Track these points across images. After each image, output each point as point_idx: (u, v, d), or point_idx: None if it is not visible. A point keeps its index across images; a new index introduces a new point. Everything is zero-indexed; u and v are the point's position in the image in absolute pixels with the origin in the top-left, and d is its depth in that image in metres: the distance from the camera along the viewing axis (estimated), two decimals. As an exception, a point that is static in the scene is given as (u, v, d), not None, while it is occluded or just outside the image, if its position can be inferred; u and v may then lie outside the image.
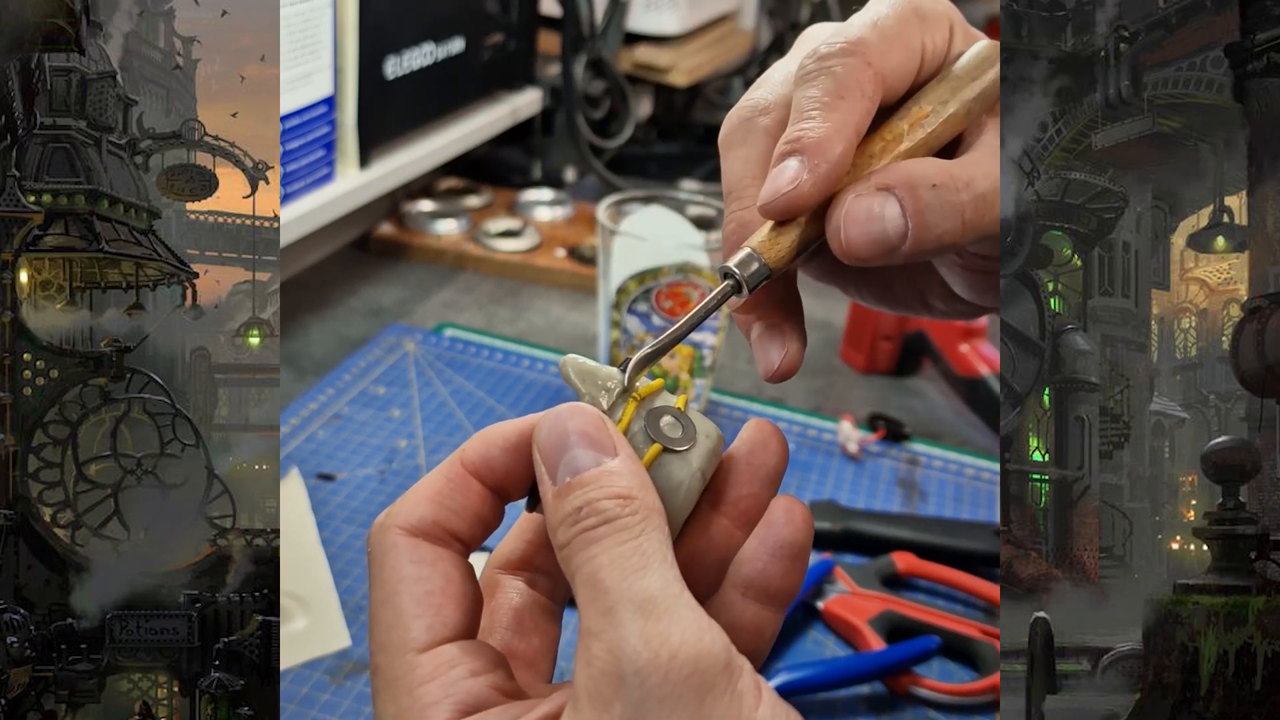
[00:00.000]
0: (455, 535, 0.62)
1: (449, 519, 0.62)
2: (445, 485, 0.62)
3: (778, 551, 0.63)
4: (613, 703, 0.52)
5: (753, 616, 0.62)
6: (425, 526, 0.61)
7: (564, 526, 0.57)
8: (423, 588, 0.59)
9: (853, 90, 0.64)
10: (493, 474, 0.63)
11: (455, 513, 0.62)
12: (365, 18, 1.83)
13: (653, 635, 0.53)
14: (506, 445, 0.63)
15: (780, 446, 0.65)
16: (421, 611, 0.59)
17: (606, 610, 0.54)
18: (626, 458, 0.59)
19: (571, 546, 0.56)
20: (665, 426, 0.62)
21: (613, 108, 2.33)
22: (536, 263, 2.05)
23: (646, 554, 0.55)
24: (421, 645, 0.58)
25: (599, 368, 0.63)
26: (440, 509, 0.62)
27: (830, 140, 0.63)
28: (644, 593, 0.54)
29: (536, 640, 0.65)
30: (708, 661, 0.53)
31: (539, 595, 0.66)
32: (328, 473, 1.49)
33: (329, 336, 1.82)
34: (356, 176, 1.90)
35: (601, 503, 0.56)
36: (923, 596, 1.40)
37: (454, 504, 0.62)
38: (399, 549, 0.60)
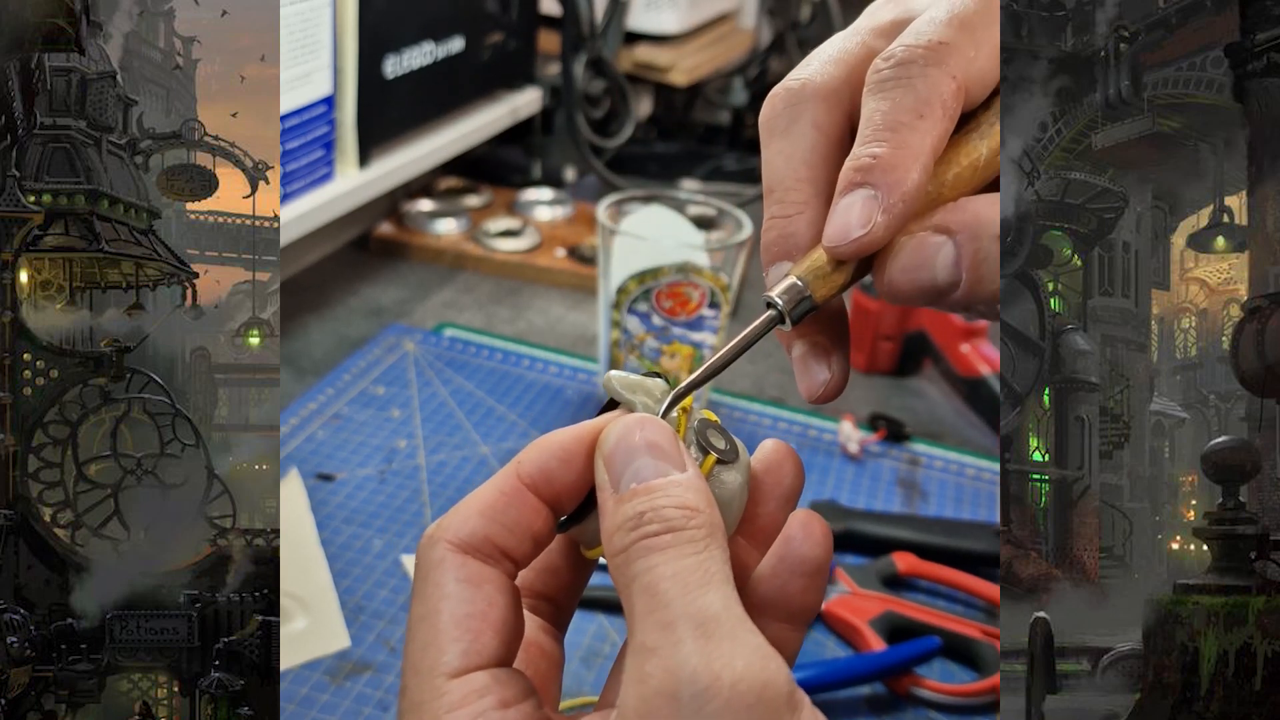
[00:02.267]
0: (506, 553, 0.58)
1: (501, 535, 0.58)
2: (500, 499, 0.59)
3: (797, 568, 0.61)
4: None
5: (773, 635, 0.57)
6: (476, 542, 0.58)
7: (622, 531, 0.54)
8: (464, 609, 0.57)
9: (934, 108, 0.57)
10: (550, 487, 0.59)
11: (508, 529, 0.58)
12: (365, 17, 1.83)
13: (715, 657, 0.50)
14: (565, 455, 0.59)
15: (796, 468, 0.63)
16: (459, 635, 0.56)
17: (666, 625, 0.51)
18: (696, 474, 0.56)
19: (630, 553, 0.53)
20: (713, 438, 0.61)
21: (613, 107, 2.33)
22: (536, 262, 2.05)
23: (710, 571, 0.52)
24: (454, 670, 0.56)
25: (643, 380, 0.61)
26: (492, 524, 0.58)
27: (907, 170, 0.56)
28: (707, 610, 0.51)
29: (543, 666, 0.63)
30: (771, 691, 0.50)
31: (542, 621, 0.63)
32: (327, 473, 1.49)
33: (329, 336, 1.82)
34: (356, 176, 1.90)
35: (667, 510, 0.54)
36: (923, 597, 1.40)
37: (507, 519, 0.58)
38: (446, 565, 0.57)
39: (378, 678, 1.22)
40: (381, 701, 1.20)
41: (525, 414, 1.64)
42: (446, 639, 0.56)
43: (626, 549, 0.54)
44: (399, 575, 1.35)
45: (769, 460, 0.63)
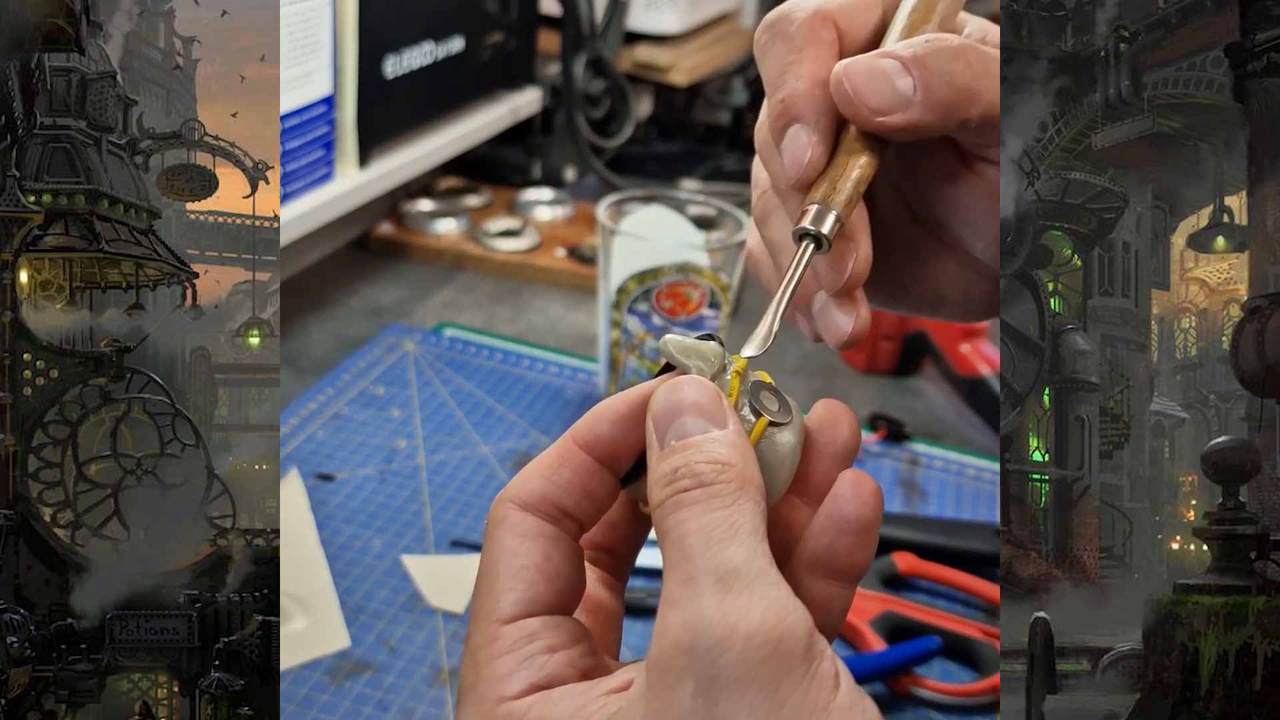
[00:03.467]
0: (565, 511, 0.61)
1: (558, 494, 0.61)
2: (556, 459, 0.62)
3: (846, 527, 0.62)
4: (684, 678, 0.51)
5: (821, 592, 0.61)
6: (534, 500, 0.61)
7: (659, 486, 0.57)
8: (519, 561, 0.60)
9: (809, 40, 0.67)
10: (602, 446, 0.62)
11: (563, 488, 0.61)
12: (365, 17, 1.83)
13: (731, 609, 0.51)
14: (616, 417, 0.62)
15: (852, 425, 0.65)
16: (514, 584, 0.59)
17: (687, 579, 0.52)
18: (735, 430, 0.58)
19: (664, 508, 0.56)
20: (765, 400, 0.62)
21: (613, 107, 2.33)
22: (536, 262, 2.05)
23: (736, 525, 0.54)
24: (507, 617, 0.59)
25: (699, 344, 0.63)
26: (549, 484, 0.61)
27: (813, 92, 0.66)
28: (727, 564, 0.52)
29: (601, 617, 0.65)
30: (788, 644, 0.51)
31: (603, 573, 0.66)
32: (327, 473, 1.49)
33: (329, 336, 1.82)
34: (356, 176, 1.90)
35: (698, 465, 0.56)
36: (923, 597, 1.40)
37: (562, 478, 0.61)
38: (508, 522, 0.61)
39: (378, 678, 1.22)
40: (381, 701, 1.20)
41: (525, 414, 1.64)
42: (503, 588, 0.59)
43: (662, 503, 0.56)
44: (399, 575, 1.35)
45: (822, 420, 0.65)
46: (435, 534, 1.42)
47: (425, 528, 1.42)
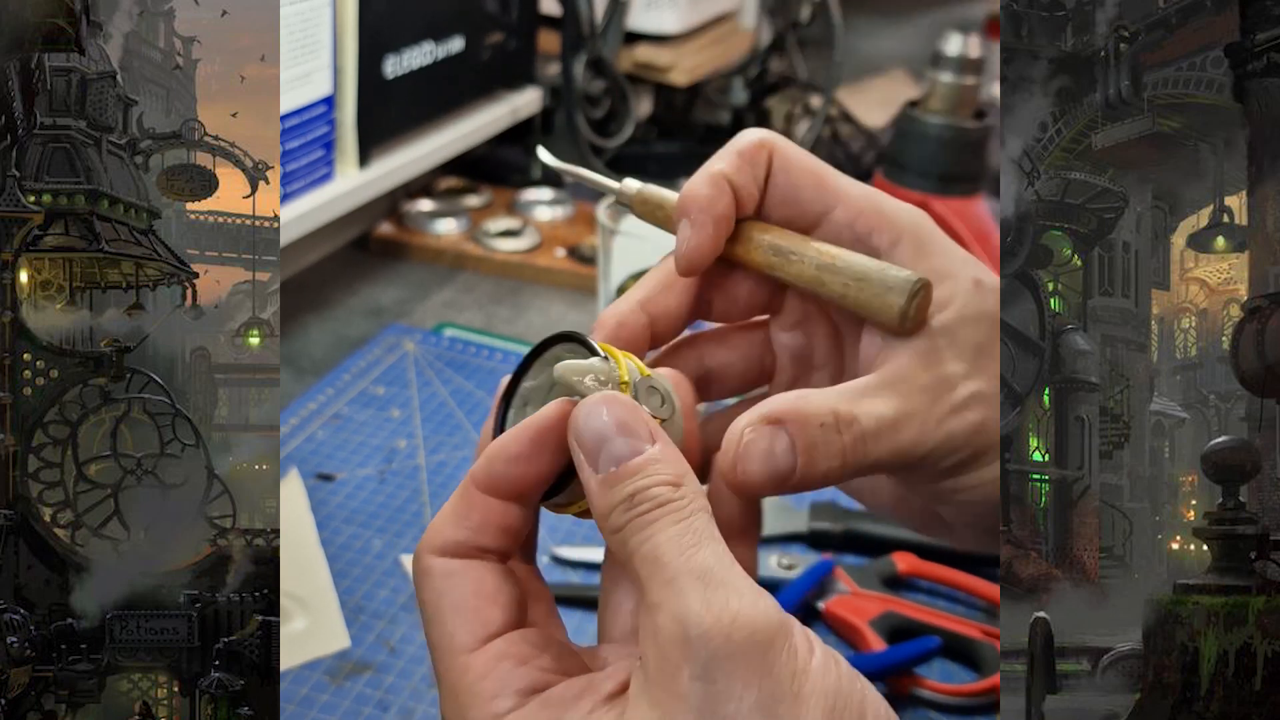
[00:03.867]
0: (483, 549, 0.65)
1: (470, 537, 0.65)
2: (462, 506, 0.65)
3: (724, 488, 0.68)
4: (681, 666, 0.56)
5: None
6: (451, 547, 0.65)
7: (617, 512, 0.60)
8: (457, 595, 0.64)
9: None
10: (504, 486, 0.65)
11: (476, 530, 0.65)
12: (365, 17, 1.83)
13: (713, 601, 0.57)
14: (510, 457, 0.65)
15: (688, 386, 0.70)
16: (461, 617, 0.63)
17: (667, 582, 0.58)
18: (664, 444, 0.62)
19: (627, 530, 0.60)
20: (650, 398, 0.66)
21: (613, 107, 2.33)
22: (536, 262, 2.05)
23: (698, 532, 0.59)
24: (469, 647, 0.62)
25: (585, 363, 0.67)
26: (459, 529, 0.65)
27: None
28: (701, 565, 0.58)
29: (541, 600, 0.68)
30: (763, 621, 0.57)
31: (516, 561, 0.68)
32: (327, 473, 1.49)
33: (329, 336, 1.82)
34: (356, 176, 1.90)
35: (654, 489, 0.60)
36: (923, 597, 1.40)
37: (472, 522, 0.65)
38: (432, 569, 0.65)
39: (378, 678, 1.22)
40: (381, 701, 1.20)
41: (525, 414, 1.64)
42: (453, 625, 0.63)
43: (623, 528, 0.60)
44: (399, 575, 1.35)
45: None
46: (435, 534, 1.42)
47: (425, 528, 1.42)
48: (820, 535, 1.45)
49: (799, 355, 0.75)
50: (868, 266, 0.69)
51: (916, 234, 0.71)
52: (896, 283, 0.68)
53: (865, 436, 0.67)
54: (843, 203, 0.72)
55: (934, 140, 1.94)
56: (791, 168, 0.73)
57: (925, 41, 2.10)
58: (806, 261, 0.70)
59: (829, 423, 0.67)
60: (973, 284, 0.70)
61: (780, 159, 0.73)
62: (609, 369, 0.66)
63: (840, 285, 0.69)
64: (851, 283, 0.68)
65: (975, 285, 0.70)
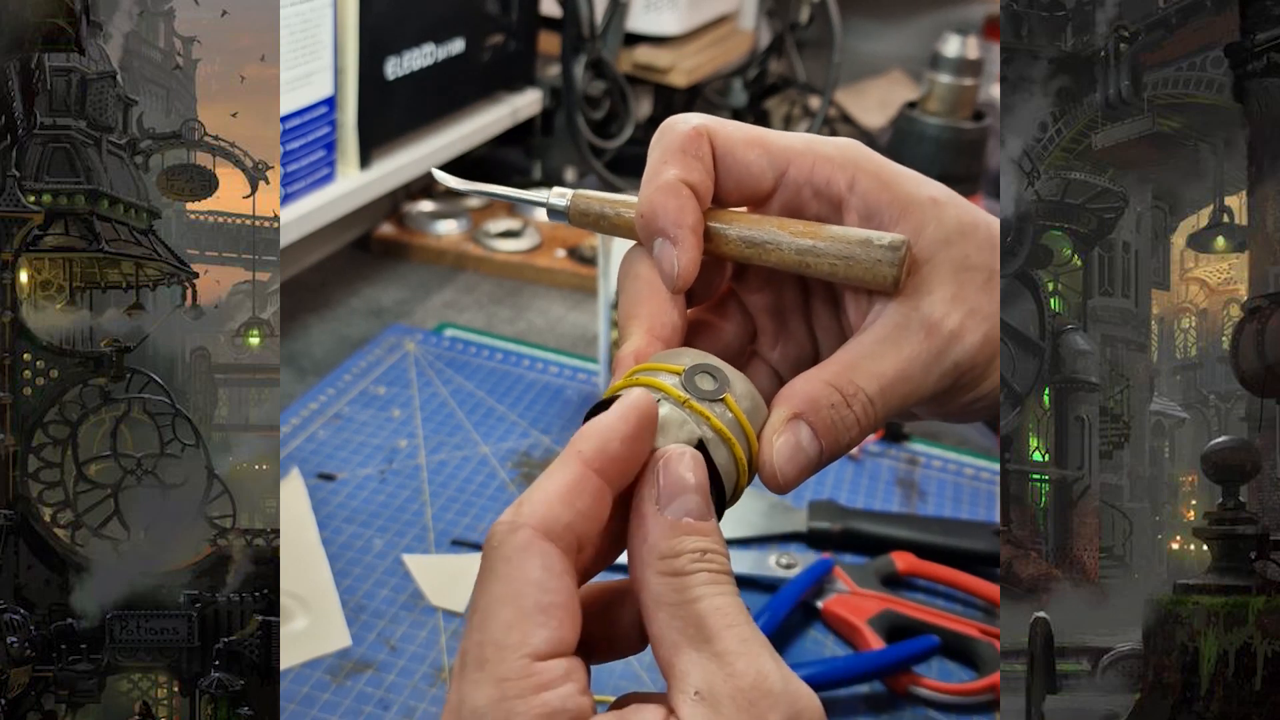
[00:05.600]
0: (582, 542, 0.62)
1: (580, 523, 0.62)
2: (575, 486, 0.62)
3: None
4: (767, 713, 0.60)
5: None
6: (559, 530, 0.61)
7: (688, 559, 0.62)
8: (550, 598, 0.60)
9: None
10: (614, 467, 0.63)
11: (584, 515, 0.62)
12: (365, 18, 1.83)
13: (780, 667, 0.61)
14: (625, 437, 0.63)
15: None
16: (546, 620, 0.60)
17: (744, 639, 0.61)
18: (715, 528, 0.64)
19: (694, 578, 0.62)
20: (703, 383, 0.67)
21: (613, 108, 2.33)
22: (536, 263, 2.05)
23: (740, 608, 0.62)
24: (542, 653, 0.59)
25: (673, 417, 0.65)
26: (571, 512, 0.61)
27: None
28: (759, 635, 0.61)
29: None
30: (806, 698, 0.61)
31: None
32: (328, 472, 1.49)
33: (329, 336, 1.82)
34: (357, 177, 1.90)
35: (718, 556, 0.63)
36: (922, 596, 1.40)
37: (583, 505, 0.62)
38: (532, 550, 0.60)
39: (378, 676, 1.22)
40: (382, 700, 1.20)
41: (525, 414, 1.64)
42: (534, 622, 0.60)
43: (691, 573, 0.62)
44: (400, 574, 1.35)
45: None
46: (436, 533, 1.42)
47: (426, 527, 1.42)
48: (819, 534, 1.45)
49: (774, 310, 0.75)
50: (850, 243, 0.69)
51: (868, 167, 0.71)
52: (884, 255, 0.68)
53: (872, 400, 0.69)
54: (792, 161, 0.71)
55: (932, 141, 1.95)
56: (735, 146, 0.71)
57: (924, 43, 2.10)
58: (784, 249, 0.69)
59: (837, 401, 0.68)
60: (930, 203, 0.70)
61: (721, 141, 0.71)
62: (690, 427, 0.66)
63: (827, 266, 0.69)
64: (839, 262, 0.69)
65: (933, 203, 0.70)
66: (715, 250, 0.70)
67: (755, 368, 0.75)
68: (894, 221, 0.70)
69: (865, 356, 0.69)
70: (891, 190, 0.70)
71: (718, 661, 0.61)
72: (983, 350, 0.70)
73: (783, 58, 2.51)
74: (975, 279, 0.69)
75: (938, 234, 0.70)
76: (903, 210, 0.70)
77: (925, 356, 0.69)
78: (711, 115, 0.73)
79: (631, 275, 0.72)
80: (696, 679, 0.60)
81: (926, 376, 0.69)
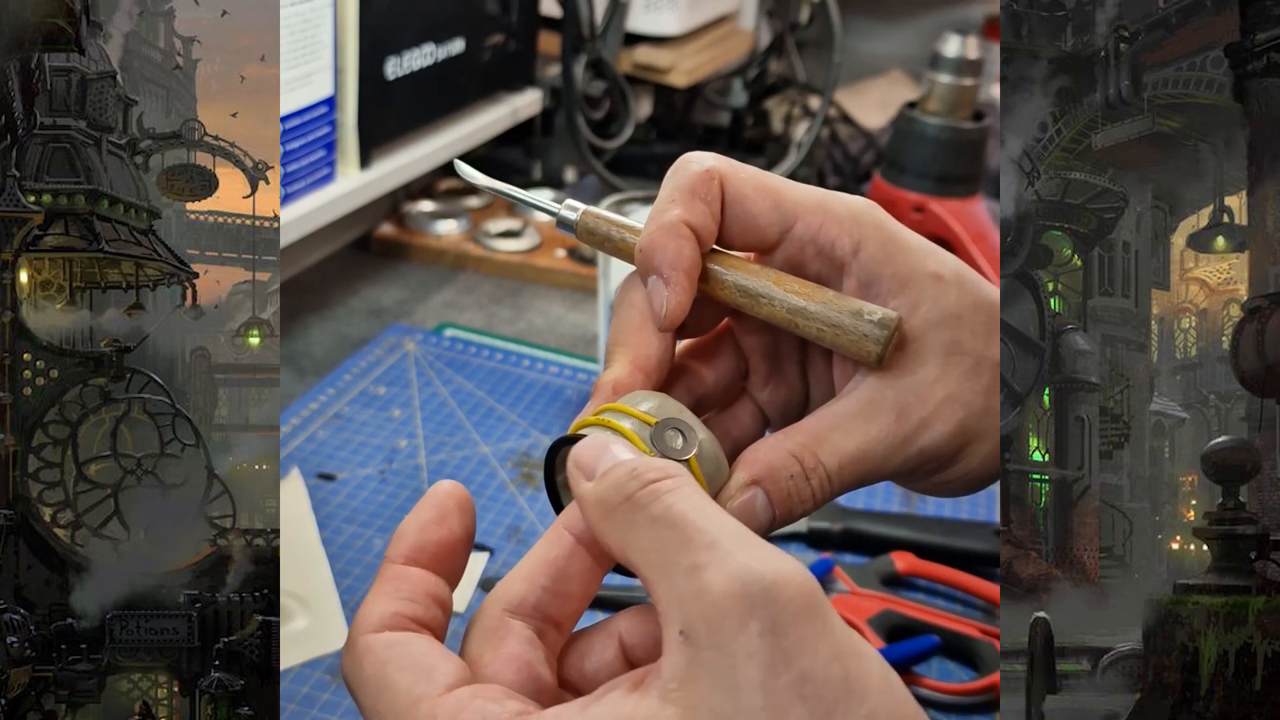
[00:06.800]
0: (420, 621, 0.64)
1: (407, 607, 0.64)
2: (389, 583, 0.64)
3: None
4: (746, 622, 0.54)
5: None
6: (389, 619, 0.63)
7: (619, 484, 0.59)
8: (406, 658, 0.61)
9: None
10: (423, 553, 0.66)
11: (409, 599, 0.64)
12: (365, 18, 1.83)
13: (764, 560, 0.56)
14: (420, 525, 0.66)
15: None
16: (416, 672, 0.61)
17: (709, 544, 0.56)
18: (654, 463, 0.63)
19: (637, 499, 0.59)
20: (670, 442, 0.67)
21: (613, 108, 2.33)
22: (536, 263, 2.05)
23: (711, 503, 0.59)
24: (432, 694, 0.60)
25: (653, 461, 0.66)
26: (394, 601, 0.64)
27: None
28: (735, 529, 0.57)
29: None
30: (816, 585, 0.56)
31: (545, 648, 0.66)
32: (328, 473, 1.49)
33: (329, 336, 1.82)
34: (357, 177, 1.90)
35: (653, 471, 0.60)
36: (922, 596, 1.40)
37: (404, 593, 0.64)
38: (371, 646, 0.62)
39: (378, 677, 1.22)
40: (382, 701, 1.20)
41: (525, 414, 1.64)
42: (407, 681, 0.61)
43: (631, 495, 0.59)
44: (399, 575, 1.35)
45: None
46: (435, 534, 1.42)
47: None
48: (819, 534, 1.45)
49: (768, 353, 0.75)
50: (841, 311, 0.69)
51: (875, 235, 0.70)
52: (871, 330, 0.68)
53: (830, 476, 0.69)
54: (801, 218, 0.71)
55: (932, 141, 1.95)
56: (746, 194, 0.71)
57: (924, 43, 2.10)
58: (777, 305, 0.70)
59: (797, 473, 0.69)
60: (931, 280, 0.70)
61: (732, 187, 0.71)
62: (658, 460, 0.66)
63: (815, 330, 0.69)
64: (826, 329, 0.69)
65: (934, 280, 0.70)
66: (710, 293, 0.71)
67: (742, 406, 0.75)
68: (891, 294, 0.70)
69: (832, 429, 0.70)
70: (895, 262, 0.70)
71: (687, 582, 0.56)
72: (954, 439, 0.70)
73: (783, 58, 2.51)
74: (962, 364, 0.69)
75: (931, 314, 0.69)
76: (902, 284, 0.70)
77: (890, 440, 0.69)
78: (727, 157, 0.73)
79: (626, 303, 0.72)
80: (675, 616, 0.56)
81: (889, 459, 0.69)
